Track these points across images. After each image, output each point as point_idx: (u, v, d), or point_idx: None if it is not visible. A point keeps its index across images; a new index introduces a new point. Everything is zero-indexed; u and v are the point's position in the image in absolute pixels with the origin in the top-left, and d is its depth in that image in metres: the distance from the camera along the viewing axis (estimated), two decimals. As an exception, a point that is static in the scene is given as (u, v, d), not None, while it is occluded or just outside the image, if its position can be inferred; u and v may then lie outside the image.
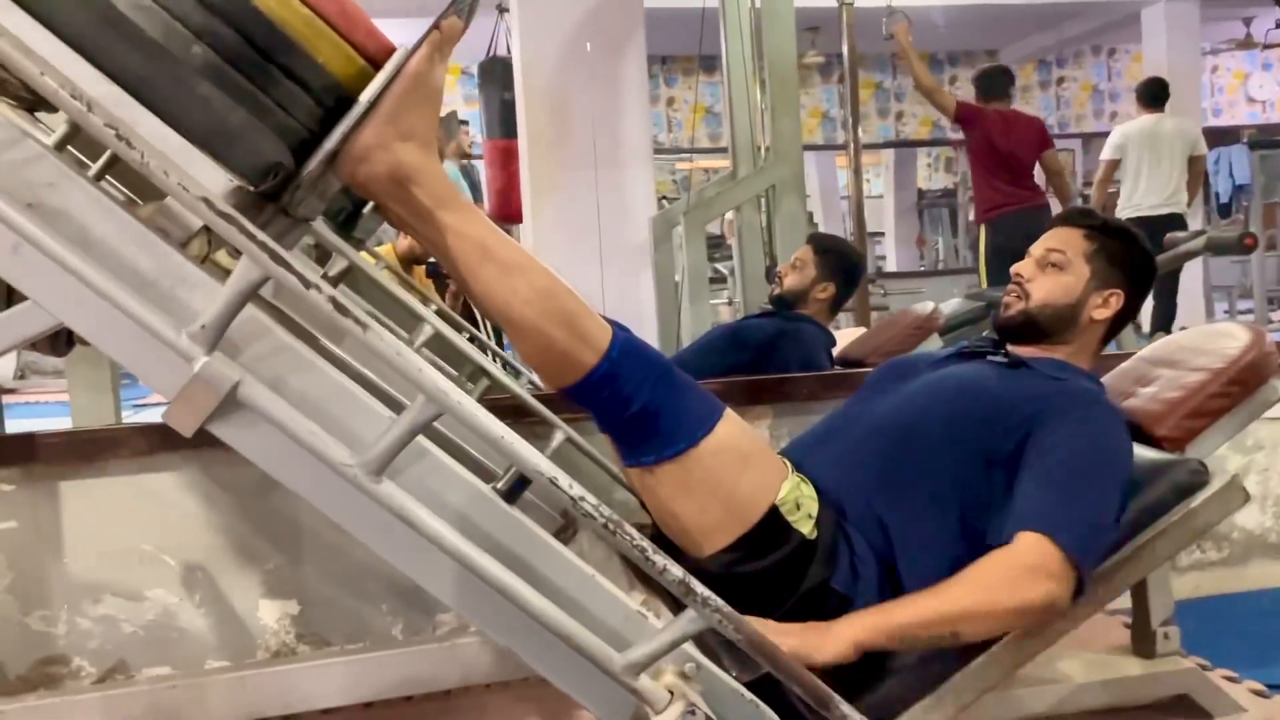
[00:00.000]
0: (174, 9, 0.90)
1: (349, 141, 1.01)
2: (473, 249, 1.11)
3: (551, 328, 1.14)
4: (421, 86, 1.03)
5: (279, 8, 0.95)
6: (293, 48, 0.96)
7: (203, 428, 0.93)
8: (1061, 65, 9.75)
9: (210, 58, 0.91)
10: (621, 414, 1.20)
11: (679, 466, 1.23)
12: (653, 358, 1.23)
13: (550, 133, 3.83)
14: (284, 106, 0.96)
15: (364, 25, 1.03)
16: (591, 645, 0.95)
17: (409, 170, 1.05)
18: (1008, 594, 1.24)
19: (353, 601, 1.99)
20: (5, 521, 1.85)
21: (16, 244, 0.86)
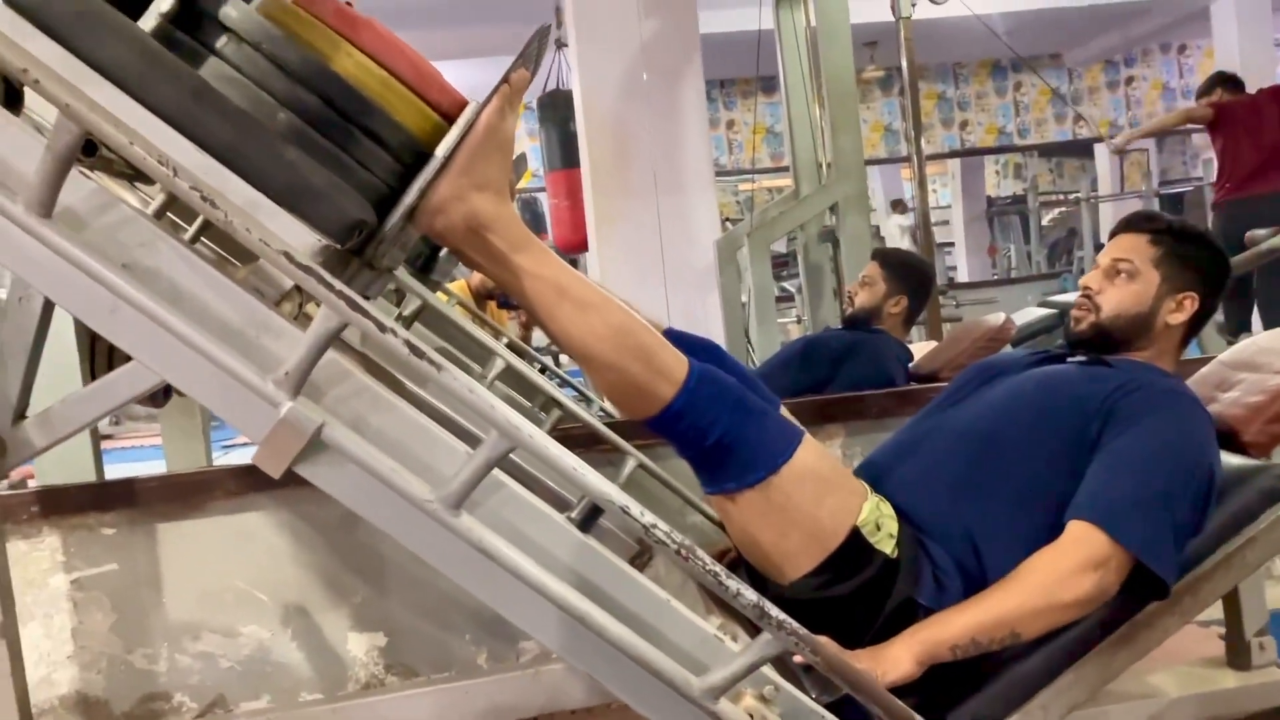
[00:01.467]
0: (259, 79, 0.96)
1: (427, 195, 1.06)
2: (549, 290, 1.15)
3: (628, 363, 1.17)
4: (493, 138, 1.08)
5: (357, 71, 1.01)
6: (371, 108, 1.01)
7: (290, 468, 0.97)
8: (1130, 65, 9.55)
9: (294, 123, 0.97)
10: (701, 444, 1.22)
11: (759, 494, 1.24)
12: (730, 387, 1.24)
13: (612, 162, 3.88)
14: (365, 165, 1.02)
15: (436, 82, 1.08)
16: (670, 670, 0.97)
17: (484, 219, 1.09)
18: (1059, 588, 1.24)
19: (437, 632, 2.03)
20: (108, 564, 1.93)
21: (114, 303, 0.91)
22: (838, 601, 1.27)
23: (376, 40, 1.05)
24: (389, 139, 1.03)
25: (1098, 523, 1.26)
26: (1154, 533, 1.27)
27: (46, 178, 0.85)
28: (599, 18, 3.86)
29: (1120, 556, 1.25)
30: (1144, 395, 1.38)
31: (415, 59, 1.07)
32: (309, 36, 1.01)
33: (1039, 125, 9.62)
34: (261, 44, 0.98)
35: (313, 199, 0.94)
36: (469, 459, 0.94)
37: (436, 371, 0.89)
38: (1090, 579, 1.24)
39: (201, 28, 0.99)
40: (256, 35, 0.98)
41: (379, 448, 0.95)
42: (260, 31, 0.98)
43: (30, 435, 1.04)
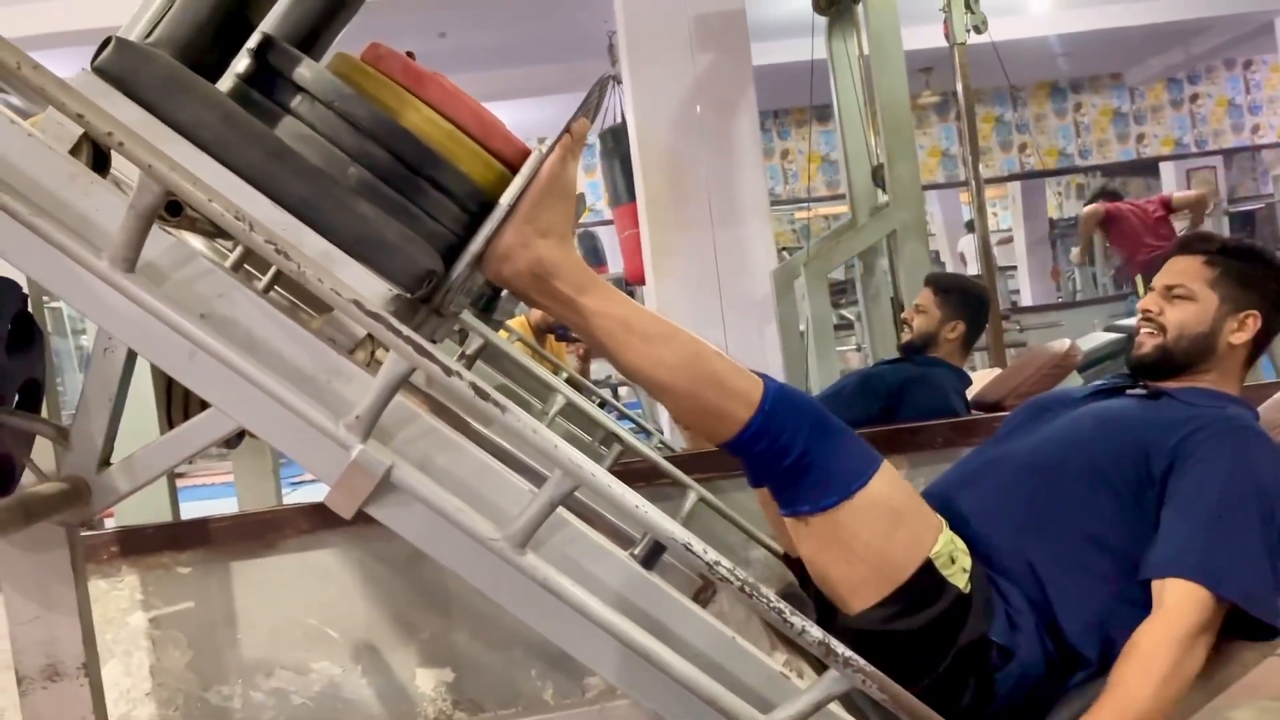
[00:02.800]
0: (331, 135, 1.01)
1: (493, 243, 1.09)
2: (616, 327, 1.17)
3: (702, 390, 1.18)
4: (556, 186, 1.11)
5: (424, 125, 1.05)
6: (438, 161, 1.05)
7: (360, 509, 0.99)
8: (1194, 82, 9.37)
9: (365, 177, 1.01)
10: (779, 464, 1.22)
11: (831, 519, 1.23)
12: (808, 407, 1.24)
13: (668, 195, 3.91)
14: (432, 215, 1.05)
15: (500, 132, 1.12)
16: (736, 707, 0.96)
17: (548, 264, 1.12)
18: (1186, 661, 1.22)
19: (504, 668, 2.05)
20: (184, 602, 1.98)
21: (192, 351, 0.95)
22: (907, 636, 1.25)
23: (442, 94, 1.09)
24: (455, 189, 1.07)
25: (1198, 580, 1.23)
26: (1255, 581, 1.25)
27: (129, 234, 0.89)
28: (652, 53, 3.91)
29: (1222, 610, 1.23)
30: (1211, 434, 1.35)
31: (479, 111, 1.11)
32: (378, 93, 1.06)
33: (1100, 145, 9.47)
34: (334, 102, 1.02)
35: (385, 251, 0.98)
36: (533, 498, 0.96)
37: (501, 413, 0.91)
38: (1204, 641, 1.23)
39: (276, 87, 1.04)
40: (329, 94, 1.02)
41: (446, 488, 0.97)
42: (332, 90, 1.02)
43: (114, 481, 1.08)
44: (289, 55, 1.06)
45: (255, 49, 1.07)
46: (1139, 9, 7.18)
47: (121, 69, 0.96)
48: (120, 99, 0.96)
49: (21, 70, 0.85)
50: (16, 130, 0.95)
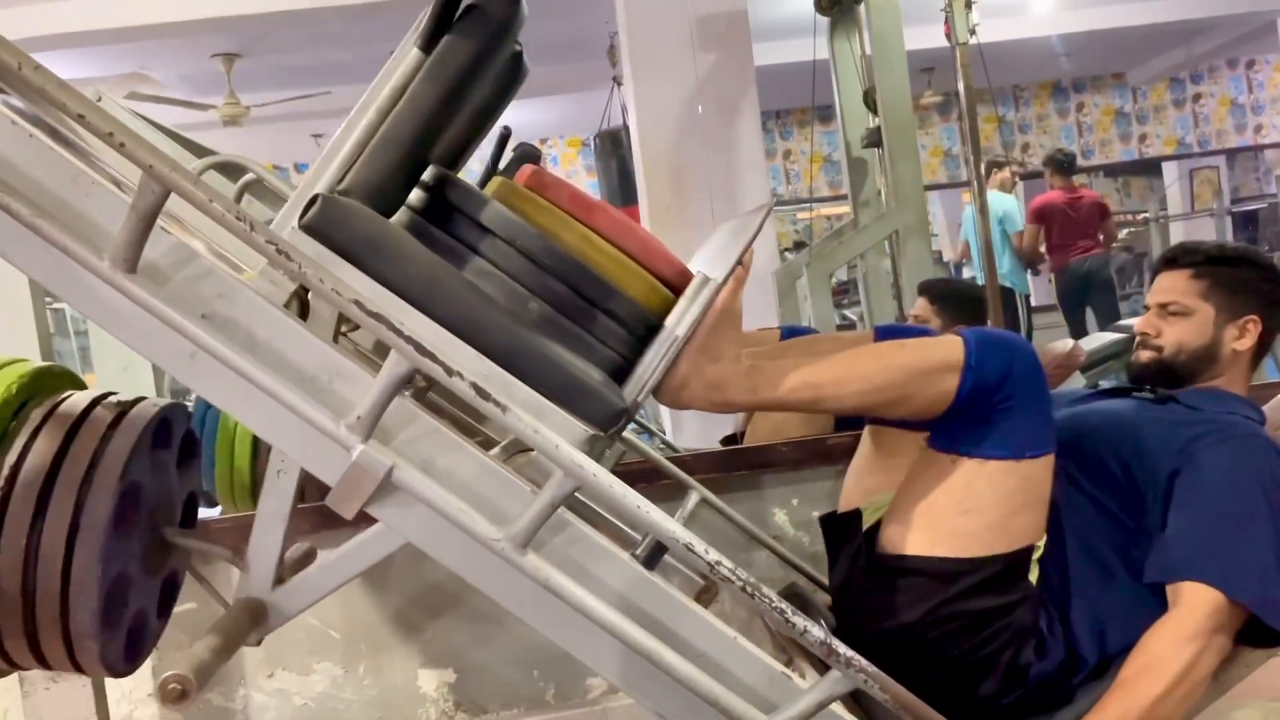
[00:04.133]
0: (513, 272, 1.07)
1: (669, 375, 1.12)
2: (806, 395, 1.20)
3: (910, 388, 1.20)
4: (728, 315, 1.15)
5: (594, 254, 1.10)
6: (609, 289, 1.10)
7: (361, 510, 0.99)
8: (1196, 82, 9.37)
9: (546, 311, 1.06)
10: (985, 403, 1.21)
11: (983, 469, 1.24)
12: (1020, 348, 1.24)
13: (669, 196, 3.90)
14: (605, 342, 1.10)
15: (662, 255, 1.17)
16: (738, 708, 0.96)
17: (721, 386, 1.16)
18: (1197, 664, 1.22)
19: (506, 669, 2.05)
20: (186, 603, 1.97)
21: (193, 351, 0.95)
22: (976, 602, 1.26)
23: (609, 222, 1.14)
24: (626, 316, 1.11)
25: (1214, 583, 1.24)
26: (1268, 586, 1.25)
27: (130, 235, 0.89)
28: (654, 53, 3.91)
29: (1236, 614, 1.23)
30: (1218, 439, 1.35)
31: (643, 236, 1.16)
32: (550, 225, 1.10)
33: (1103, 145, 9.46)
34: (515, 240, 1.07)
35: (584, 395, 1.02)
36: (535, 498, 0.96)
37: (503, 413, 0.91)
38: (1216, 644, 1.23)
39: (453, 221, 1.10)
40: (509, 231, 1.07)
41: (447, 488, 0.97)
42: (512, 228, 1.08)
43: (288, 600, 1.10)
44: (469, 193, 1.10)
45: (434, 185, 1.12)
46: (1141, 9, 7.18)
47: (329, 226, 1.00)
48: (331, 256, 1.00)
49: (22, 71, 0.85)
50: (18, 131, 0.95)
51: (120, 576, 1.04)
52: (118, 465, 1.00)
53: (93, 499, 0.98)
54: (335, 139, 1.09)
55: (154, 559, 1.13)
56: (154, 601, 1.16)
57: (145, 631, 1.13)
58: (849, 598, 1.37)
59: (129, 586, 1.06)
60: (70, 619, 0.98)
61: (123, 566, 1.04)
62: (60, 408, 1.04)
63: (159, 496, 1.12)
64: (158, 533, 1.12)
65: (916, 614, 1.25)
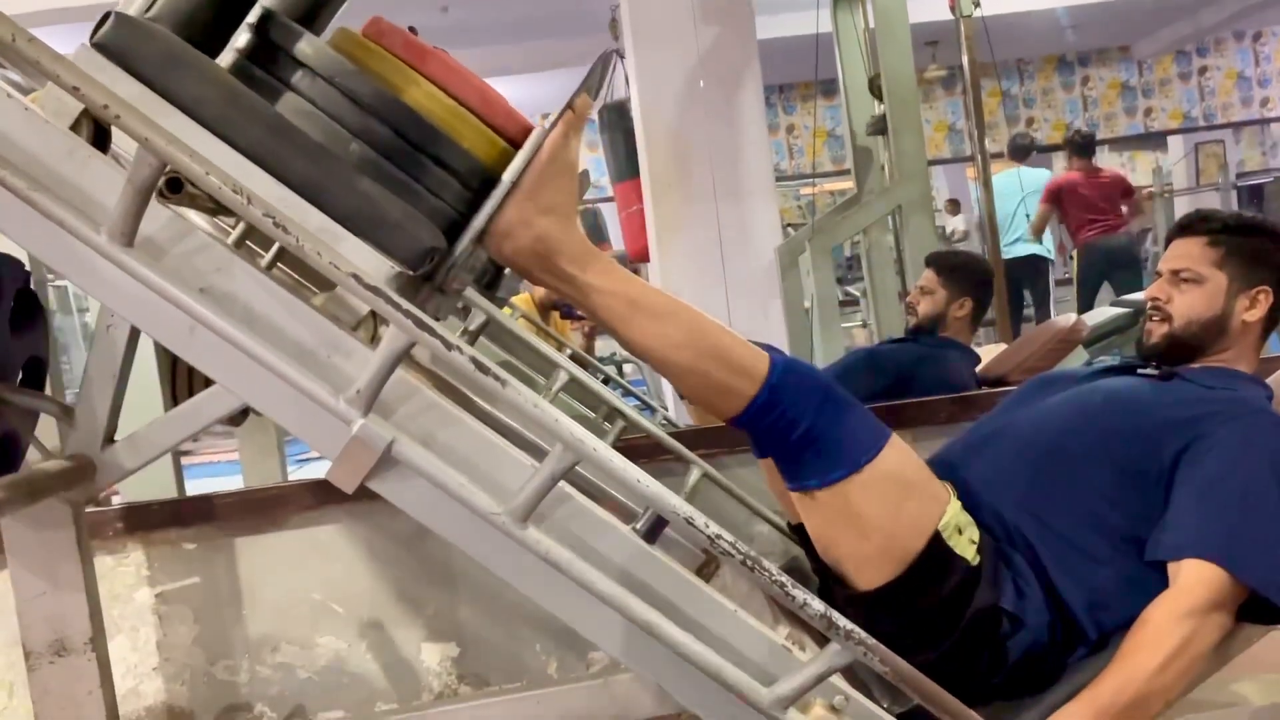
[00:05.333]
0: (333, 112, 1.00)
1: (495, 220, 1.08)
2: (620, 304, 1.16)
3: (709, 365, 1.17)
4: (558, 163, 1.09)
5: (426, 100, 1.04)
6: (440, 137, 1.04)
7: (362, 484, 0.99)
8: (1203, 54, 9.30)
9: (367, 153, 1.00)
10: (786, 438, 1.20)
11: (839, 493, 1.22)
12: (816, 379, 1.23)
13: (671, 170, 3.89)
14: (434, 192, 1.04)
15: (502, 108, 1.11)
16: (738, 680, 0.97)
17: (551, 242, 1.11)
18: (1196, 639, 1.21)
19: (508, 642, 2.06)
20: (189, 578, 1.99)
21: (192, 326, 0.94)
22: (919, 609, 1.25)
23: (444, 70, 1.08)
24: (457, 166, 1.06)
25: (1217, 561, 1.23)
26: (1270, 563, 1.25)
27: (127, 208, 0.89)
28: (656, 27, 3.88)
29: (1239, 592, 1.23)
30: (1225, 418, 1.34)
31: (481, 87, 1.10)
32: (380, 69, 1.05)
33: (1109, 119, 9.41)
34: (335, 78, 1.01)
35: (387, 229, 0.97)
36: (535, 473, 0.96)
37: (501, 387, 0.91)
38: (1217, 621, 1.22)
39: (276, 62, 1.03)
40: (330, 69, 1.02)
41: (447, 462, 0.97)
42: (334, 66, 1.02)
43: (119, 458, 1.08)
44: (290, 30, 1.04)
45: (256, 24, 1.06)
46: (1148, -20, 7.13)
47: (121, 44, 0.95)
48: (120, 75, 0.95)
49: (16, 43, 0.84)
50: (14, 104, 0.95)
51: None
52: None
53: None
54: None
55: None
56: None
57: None
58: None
59: None
60: None
61: None
62: None
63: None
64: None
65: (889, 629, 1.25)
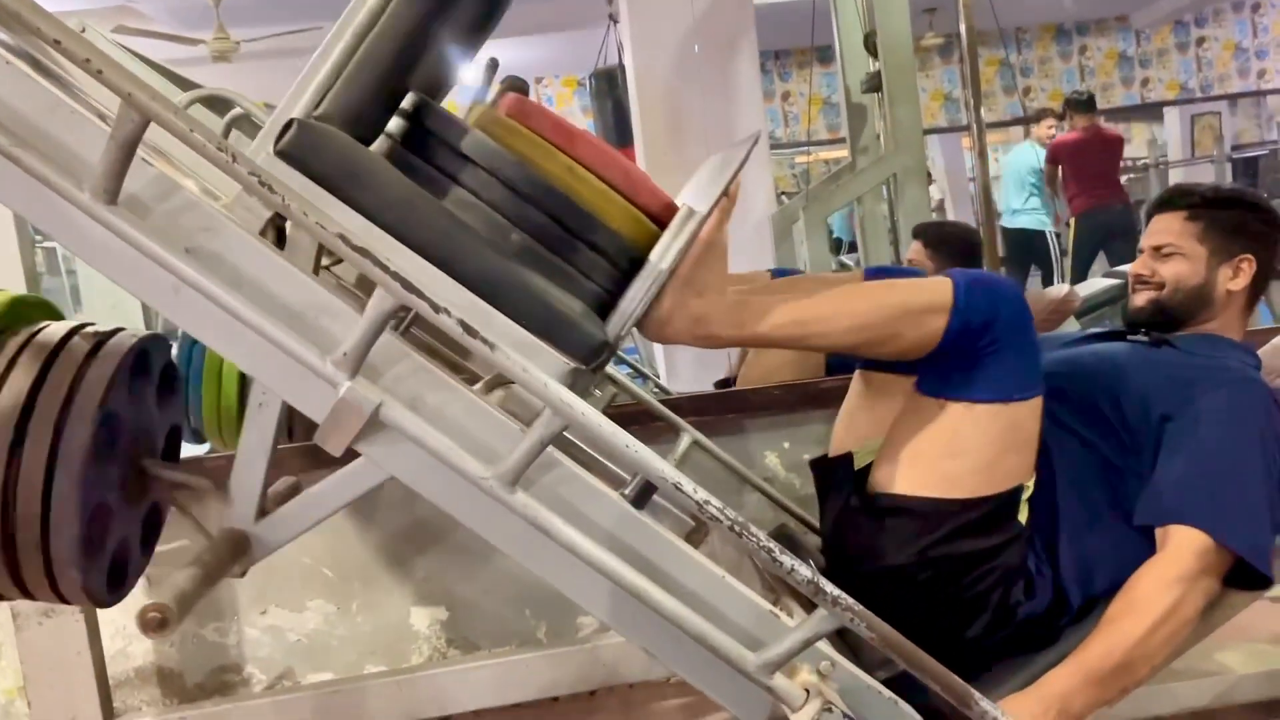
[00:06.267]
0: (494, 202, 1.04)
1: (653, 308, 1.10)
2: (791, 332, 1.19)
3: (900, 325, 1.19)
4: (713, 248, 1.13)
5: (577, 184, 1.07)
6: (594, 222, 1.07)
7: (350, 447, 0.99)
8: (1201, 25, 9.23)
9: (527, 242, 1.03)
10: (972, 346, 1.20)
11: (971, 412, 1.24)
12: (1007, 291, 1.23)
13: (665, 137, 3.85)
14: (586, 274, 1.07)
15: (646, 187, 1.13)
16: (725, 645, 0.97)
17: (706, 321, 1.14)
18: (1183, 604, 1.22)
19: (497, 607, 2.07)
20: (178, 540, 1.98)
21: (177, 286, 0.93)
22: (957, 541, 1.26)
23: (592, 152, 1.10)
24: (607, 247, 1.09)
25: (1204, 527, 1.24)
26: (1257, 532, 1.26)
27: (111, 165, 0.88)
28: (651, -10, 3.84)
29: (1224, 558, 1.24)
30: (1213, 385, 1.34)
31: (626, 166, 1.13)
32: (531, 154, 1.07)
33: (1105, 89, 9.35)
34: (495, 169, 1.04)
35: (565, 327, 1.00)
36: (524, 437, 0.95)
37: (490, 350, 0.90)
38: (1203, 587, 1.23)
39: (432, 150, 1.06)
40: (489, 160, 1.04)
41: (436, 426, 0.96)
42: (493, 157, 1.04)
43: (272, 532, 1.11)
44: (449, 120, 1.07)
45: (413, 113, 1.08)
46: (1148, -52, 7.06)
47: (303, 151, 0.97)
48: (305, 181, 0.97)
49: None
50: (-6, 58, 0.93)
51: (100, 506, 1.04)
52: (96, 394, 0.99)
53: (70, 428, 0.98)
54: (312, 62, 1.05)
55: (135, 490, 1.13)
56: (136, 533, 1.16)
57: (129, 561, 1.14)
58: (839, 539, 1.38)
59: (110, 516, 1.06)
60: (51, 547, 0.98)
61: (102, 496, 1.04)
62: (37, 337, 1.04)
63: (138, 427, 1.12)
64: (138, 464, 1.12)
65: (906, 555, 1.25)
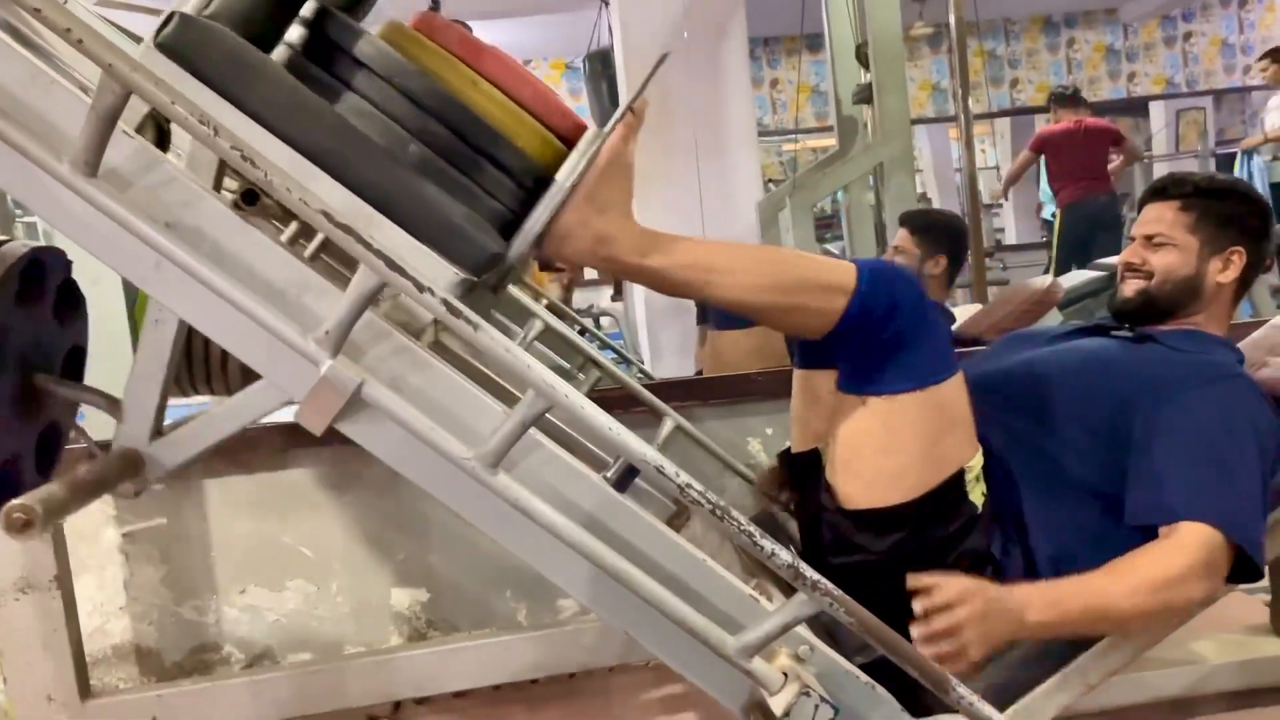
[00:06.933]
0: (392, 112, 1.00)
1: (554, 223, 1.08)
2: (692, 274, 1.16)
3: (799, 297, 1.18)
4: (616, 164, 1.11)
5: (483, 100, 1.04)
6: (498, 138, 1.04)
7: (332, 426, 0.98)
8: (1188, 20, 9.27)
9: (426, 154, 1.00)
10: (875, 338, 1.20)
11: (893, 404, 1.22)
12: (908, 283, 1.22)
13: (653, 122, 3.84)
14: (490, 192, 1.05)
15: (557, 107, 1.11)
16: (704, 629, 0.97)
17: (610, 240, 1.12)
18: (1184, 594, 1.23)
19: (478, 589, 2.06)
20: (157, 518, 1.98)
21: (158, 261, 0.92)
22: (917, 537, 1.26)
23: (500, 68, 1.08)
24: (513, 166, 1.06)
25: (1215, 523, 1.24)
26: (1255, 526, 1.27)
27: (91, 137, 0.87)
28: (640, -26, 3.82)
29: (1229, 554, 1.24)
30: (1198, 381, 1.35)
31: (536, 84, 1.10)
32: (436, 67, 1.04)
33: (1092, 83, 9.38)
34: (394, 78, 1.01)
35: (452, 235, 0.98)
36: (506, 418, 0.95)
37: (473, 330, 0.90)
38: (1205, 583, 1.23)
39: (334, 60, 1.03)
40: (390, 69, 1.01)
41: (418, 406, 0.96)
42: (393, 66, 1.01)
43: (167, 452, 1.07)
44: (349, 29, 1.04)
45: (312, 20, 1.05)
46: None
47: (186, 46, 0.94)
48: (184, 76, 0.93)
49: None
50: (-28, 27, 0.92)
51: None
52: None
53: None
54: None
55: (27, 406, 1.11)
56: (30, 451, 1.15)
57: (20, 480, 1.12)
58: (813, 533, 1.38)
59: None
60: None
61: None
62: None
63: (30, 340, 1.10)
64: (29, 379, 1.10)
65: (875, 554, 1.25)
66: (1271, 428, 1.35)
